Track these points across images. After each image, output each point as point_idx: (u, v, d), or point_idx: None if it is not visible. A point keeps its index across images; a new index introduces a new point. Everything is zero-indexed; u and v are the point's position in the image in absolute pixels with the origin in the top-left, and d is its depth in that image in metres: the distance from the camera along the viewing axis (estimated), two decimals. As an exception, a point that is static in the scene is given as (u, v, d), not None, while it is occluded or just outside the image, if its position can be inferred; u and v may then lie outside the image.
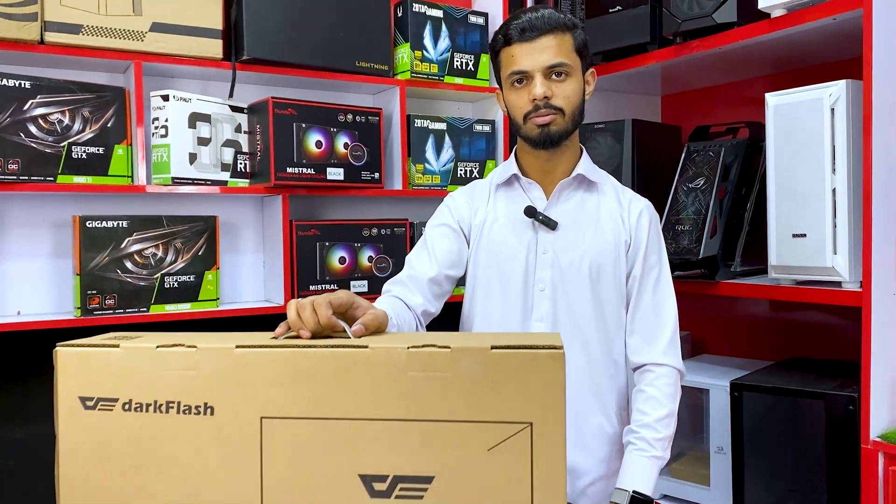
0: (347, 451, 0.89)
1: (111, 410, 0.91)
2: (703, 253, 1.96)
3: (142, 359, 0.91)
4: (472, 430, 0.88)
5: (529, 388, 0.87)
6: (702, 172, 2.07)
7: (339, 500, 0.89)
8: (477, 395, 0.87)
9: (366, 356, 0.89)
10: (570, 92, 1.43)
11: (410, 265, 1.50)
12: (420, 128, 2.20)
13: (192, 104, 1.88)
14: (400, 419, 0.88)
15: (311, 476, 0.89)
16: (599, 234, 1.49)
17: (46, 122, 1.73)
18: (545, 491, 0.87)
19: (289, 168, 1.95)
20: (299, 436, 0.89)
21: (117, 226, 1.82)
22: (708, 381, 2.04)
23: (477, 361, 0.88)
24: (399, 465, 0.88)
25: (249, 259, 2.14)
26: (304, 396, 0.89)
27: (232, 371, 0.90)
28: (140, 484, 0.91)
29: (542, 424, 0.87)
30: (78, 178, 1.78)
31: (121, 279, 1.82)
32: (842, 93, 1.66)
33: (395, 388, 0.88)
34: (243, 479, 0.90)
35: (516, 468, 0.87)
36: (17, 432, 1.89)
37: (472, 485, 0.87)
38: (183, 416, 0.91)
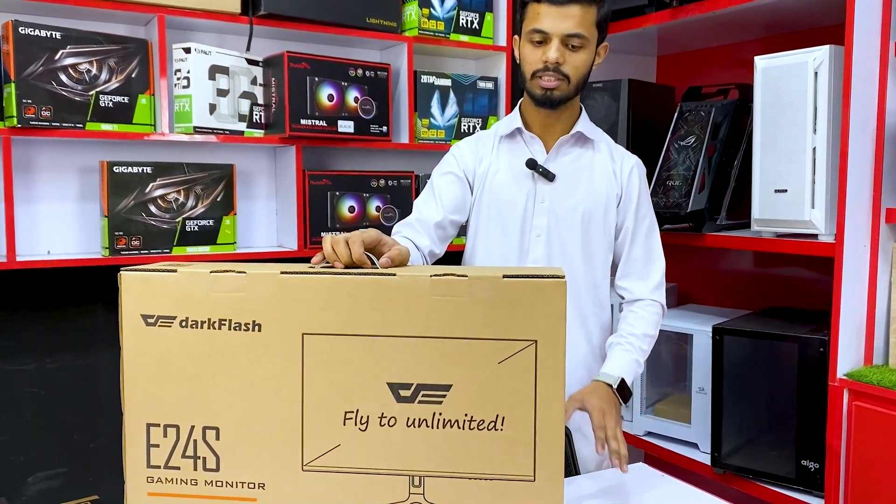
0: (377, 363, 1.01)
1: (170, 326, 1.03)
2: (691, 207, 2.08)
3: (197, 281, 1.03)
4: (485, 346, 1.00)
5: (535, 311, 0.99)
6: (693, 131, 2.19)
7: (370, 405, 1.02)
8: (489, 316, 1.00)
9: (395, 282, 1.01)
10: (580, 62, 1.53)
11: (418, 209, 1.62)
12: (426, 83, 2.30)
13: (212, 57, 1.97)
14: (423, 336, 1.01)
15: (346, 384, 1.02)
16: (592, 187, 1.62)
17: (76, 71, 1.83)
18: (546, 398, 1.00)
19: (302, 120, 2.05)
20: (336, 349, 1.02)
21: (142, 171, 1.93)
22: (692, 327, 2.19)
23: (490, 287, 1.00)
24: (421, 375, 1.01)
25: (263, 206, 2.25)
26: (341, 315, 1.01)
27: (277, 293, 1.01)
28: (195, 390, 1.03)
29: (545, 342, 0.99)
30: (105, 126, 1.88)
31: (146, 221, 1.94)
32: (825, 57, 1.77)
33: (419, 309, 1.01)
34: (287, 387, 1.02)
35: (523, 379, 1.00)
36: (48, 363, 2.02)
37: (485, 392, 1.01)
38: (234, 332, 1.02)
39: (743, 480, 2.01)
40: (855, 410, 1.74)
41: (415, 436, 1.01)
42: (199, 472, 1.04)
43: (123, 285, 1.04)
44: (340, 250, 1.09)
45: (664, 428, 2.28)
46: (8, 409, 1.98)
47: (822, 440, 1.81)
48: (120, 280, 1.04)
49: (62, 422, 2.05)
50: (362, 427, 1.02)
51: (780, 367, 1.93)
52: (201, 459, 1.04)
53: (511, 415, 1.01)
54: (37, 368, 2.01)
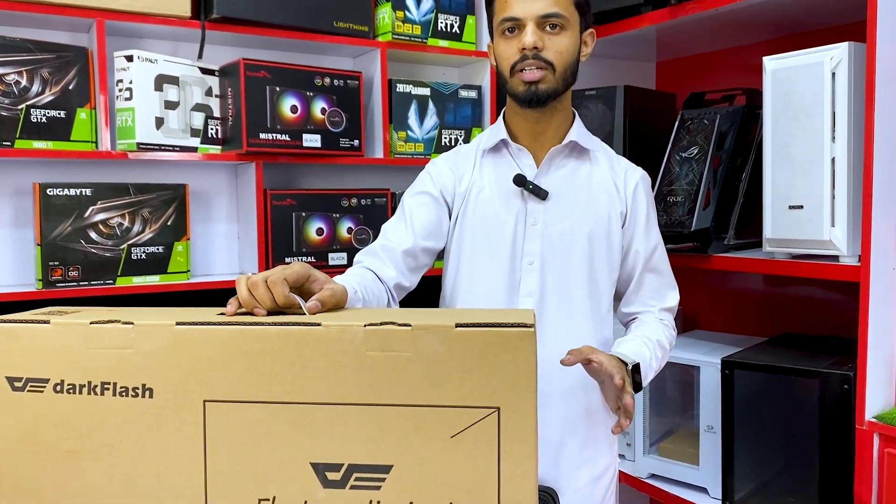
0: (298, 438, 0.83)
1: (41, 392, 0.85)
2: (696, 225, 1.88)
3: (74, 336, 0.84)
4: (434, 416, 0.81)
5: (497, 370, 0.81)
6: (696, 141, 1.99)
7: (289, 491, 0.82)
8: (439, 378, 0.81)
9: (319, 334, 0.82)
10: (563, 47, 1.34)
11: (385, 235, 1.42)
12: (402, 93, 2.11)
13: (159, 65, 1.78)
14: (355, 403, 0.82)
15: (260, 464, 0.83)
16: (592, 205, 1.42)
17: (2, 82, 1.64)
18: (514, 481, 0.80)
19: (262, 134, 1.86)
20: (246, 421, 0.83)
21: (80, 194, 1.73)
22: (699, 358, 1.98)
23: (439, 340, 0.81)
24: (354, 454, 0.82)
25: (223, 229, 2.06)
26: (251, 378, 0.82)
27: (172, 349, 0.83)
28: (74, 471, 0.85)
29: (511, 409, 0.80)
30: (38, 143, 1.69)
31: (85, 250, 1.74)
32: (843, 56, 1.57)
33: (350, 369, 0.81)
34: (186, 467, 0.84)
35: (482, 457, 0.81)
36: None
37: (435, 475, 0.81)
38: (119, 398, 0.84)
39: (759, 533, 1.79)
40: (887, 459, 1.52)
41: None
42: None
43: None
44: (260, 294, 0.89)
45: (669, 470, 2.06)
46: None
47: (850, 489, 1.59)
48: None
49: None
50: None
51: (798, 406, 1.72)
52: None
53: (468, 503, 0.81)
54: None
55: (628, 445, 2.14)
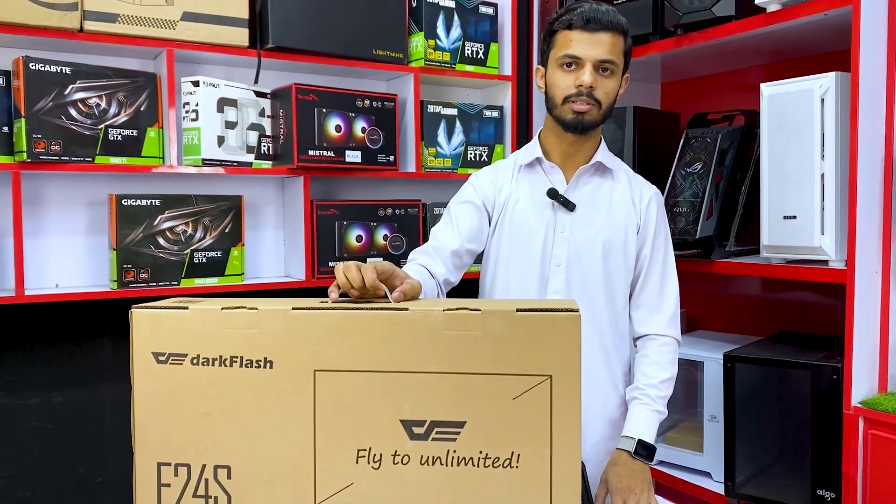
0: (390, 400, 1.00)
1: (181, 364, 1.03)
2: (700, 233, 2.07)
3: (209, 319, 1.03)
4: (499, 382, 0.99)
5: (549, 346, 0.99)
6: (699, 157, 2.18)
7: (383, 443, 1.01)
8: (503, 351, 0.99)
9: (406, 317, 1.01)
10: (610, 88, 1.55)
11: (436, 237, 1.62)
12: (432, 113, 2.30)
13: (221, 90, 1.99)
14: (436, 371, 1.00)
15: (359, 422, 1.01)
16: (612, 217, 1.63)
17: (85, 105, 1.84)
18: (562, 434, 1.00)
19: (310, 151, 2.06)
20: (348, 386, 1.01)
21: (150, 204, 1.93)
22: (702, 354, 2.16)
23: (504, 322, 0.99)
24: (435, 412, 1.01)
25: (271, 236, 2.25)
26: (353, 352, 1.01)
27: (288, 329, 1.01)
28: (206, 428, 1.03)
29: (560, 377, 0.99)
30: (114, 159, 1.88)
31: (154, 254, 1.94)
32: (831, 84, 1.77)
33: (432, 344, 1.01)
34: (298, 425, 1.01)
35: (538, 414, 0.99)
36: (55, 397, 2.01)
37: (499, 429, 1.00)
38: (245, 369, 1.02)
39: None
40: (871, 439, 1.71)
41: (429, 474, 1.01)
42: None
43: (134, 323, 1.04)
44: (352, 275, 1.10)
45: (676, 457, 2.25)
46: (13, 444, 1.96)
47: (838, 469, 1.78)
48: (131, 318, 1.04)
49: (68, 457, 2.03)
50: (375, 465, 1.01)
51: (793, 395, 1.90)
52: (213, 499, 1.04)
53: (526, 452, 1.00)
54: (43, 403, 2.00)
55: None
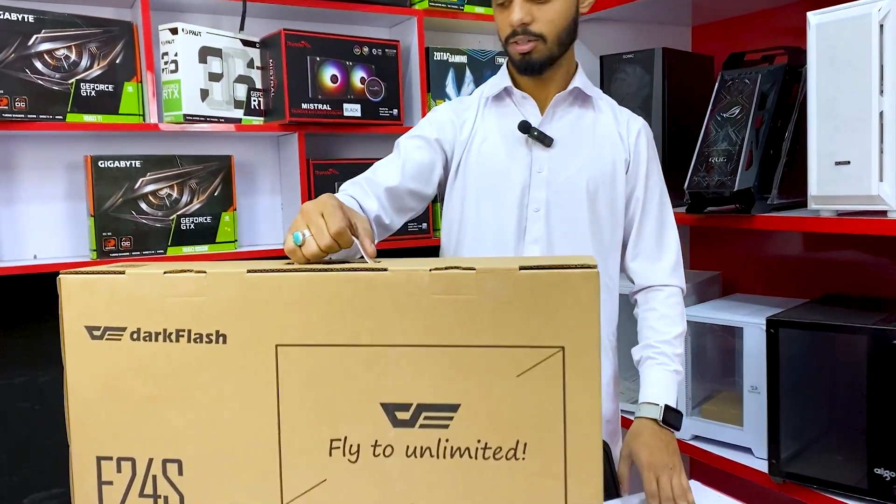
0: (368, 379, 0.83)
1: (119, 340, 0.88)
2: (738, 186, 1.87)
3: (149, 285, 0.86)
4: (500, 356, 0.81)
5: (561, 311, 0.80)
6: (736, 102, 1.97)
7: (361, 431, 0.84)
8: (505, 319, 0.81)
9: (386, 279, 0.83)
10: (553, 15, 1.32)
11: (374, 170, 1.38)
12: (439, 61, 2.11)
13: (202, 38, 1.81)
14: (423, 345, 0.82)
15: (331, 405, 0.84)
16: (596, 152, 1.42)
17: (52, 57, 1.67)
18: (579, 418, 0.80)
19: (303, 104, 1.88)
20: (317, 364, 0.84)
21: (130, 165, 1.77)
22: (742, 319, 1.97)
23: (504, 283, 0.81)
24: (423, 393, 0.83)
25: (267, 200, 2.09)
26: (322, 322, 0.83)
27: (244, 296, 0.84)
28: (152, 415, 0.87)
29: (575, 348, 0.80)
30: (88, 117, 1.72)
31: (136, 220, 1.78)
32: (892, 6, 1.54)
33: (418, 312, 0.82)
34: (259, 410, 0.85)
35: (548, 394, 0.81)
36: (40, 376, 1.88)
37: (501, 413, 0.82)
38: (194, 344, 0.86)
39: (806, 490, 1.79)
40: (939, 412, 1.51)
41: (416, 468, 0.84)
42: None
43: (63, 292, 0.88)
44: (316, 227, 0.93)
45: (713, 431, 2.06)
46: (1, 425, 1.84)
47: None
48: (59, 286, 0.88)
49: (57, 438, 1.90)
50: (352, 458, 0.84)
51: (846, 363, 1.71)
52: (162, 499, 0.88)
53: (535, 440, 0.82)
54: (28, 382, 1.87)
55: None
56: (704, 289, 2.31)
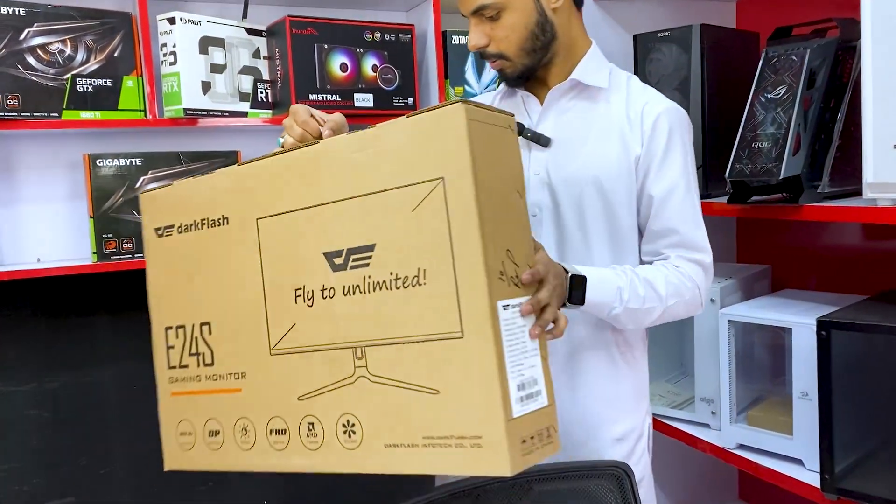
0: (314, 234, 1.00)
1: (171, 235, 1.15)
2: (785, 173, 1.71)
3: (184, 189, 1.13)
4: (399, 195, 0.94)
5: (439, 145, 0.91)
6: (783, 80, 1.81)
7: (313, 279, 1.01)
8: (399, 163, 0.94)
9: (319, 149, 1.01)
10: (506, 32, 1.25)
11: None
12: (458, 45, 2.01)
13: (203, 27, 1.72)
14: (346, 198, 0.98)
15: (293, 261, 1.02)
16: (601, 150, 1.30)
17: (46, 52, 1.61)
18: (462, 240, 0.90)
19: (311, 95, 1.78)
20: (282, 228, 1.04)
21: (130, 164, 1.70)
22: (791, 319, 1.82)
23: (398, 131, 0.95)
24: (349, 239, 0.98)
25: (279, 197, 2.00)
26: (283, 194, 1.03)
27: (236, 184, 1.08)
28: (192, 289, 1.13)
29: (452, 177, 0.91)
30: (85, 114, 1.66)
31: (137, 221, 1.72)
32: (960, -32, 1.37)
33: (340, 171, 0.98)
34: (252, 274, 1.06)
35: (436, 223, 0.92)
36: (49, 382, 1.83)
37: (404, 246, 0.94)
38: (210, 229, 1.10)
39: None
40: None
41: (353, 304, 0.98)
42: (200, 367, 1.12)
43: (142, 206, 1.19)
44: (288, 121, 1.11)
45: (760, 440, 1.91)
46: (9, 433, 1.80)
47: (970, 463, 1.42)
48: (140, 201, 1.20)
49: (69, 446, 1.86)
50: (309, 303, 1.01)
51: (907, 369, 1.55)
52: (201, 355, 1.12)
53: (431, 266, 0.93)
54: (37, 389, 1.82)
55: (713, 414, 2.01)
56: (752, 284, 2.16)
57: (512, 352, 0.92)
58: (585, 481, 1.11)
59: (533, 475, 1.11)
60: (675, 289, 1.29)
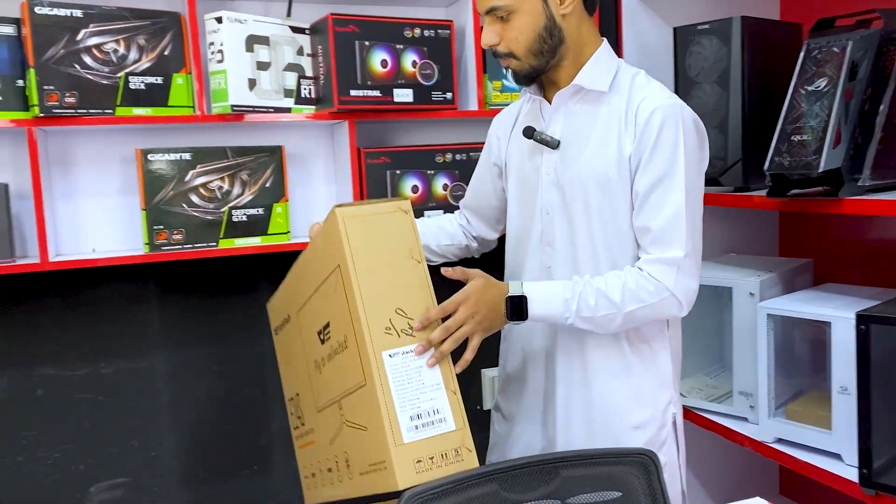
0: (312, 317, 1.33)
1: (278, 333, 1.56)
2: (825, 166, 1.69)
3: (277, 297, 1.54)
4: (329, 283, 1.22)
5: (333, 241, 1.18)
6: (824, 72, 1.79)
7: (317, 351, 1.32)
8: (322, 258, 1.23)
9: (304, 255, 1.36)
10: (515, 33, 1.30)
11: (468, 191, 1.68)
12: (497, 40, 2.01)
13: (248, 25, 1.77)
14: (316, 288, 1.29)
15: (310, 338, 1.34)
16: (601, 150, 1.34)
17: (101, 51, 1.68)
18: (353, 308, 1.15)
19: (352, 91, 1.82)
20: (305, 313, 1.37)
21: (180, 158, 1.76)
22: (830, 313, 1.80)
23: (319, 234, 1.27)
24: (321, 320, 1.29)
25: (321, 191, 2.05)
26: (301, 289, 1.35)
27: (287, 287, 1.48)
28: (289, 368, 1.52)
29: (342, 264, 1.17)
30: (137, 110, 1.72)
31: (187, 213, 1.77)
32: None
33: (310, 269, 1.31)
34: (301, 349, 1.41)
35: (341, 300, 1.18)
36: (102, 367, 1.91)
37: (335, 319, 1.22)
38: (286, 325, 1.48)
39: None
40: None
41: (332, 368, 1.26)
42: (301, 427, 1.51)
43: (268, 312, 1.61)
44: None
45: (798, 434, 1.90)
46: (65, 417, 1.89)
47: None
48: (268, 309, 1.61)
49: (121, 429, 1.94)
50: (319, 371, 1.33)
51: (948, 364, 1.52)
52: (300, 419, 1.51)
53: (347, 333, 1.18)
54: (90, 374, 1.90)
55: (751, 408, 2.00)
56: (793, 278, 2.13)
57: (402, 390, 1.12)
58: (612, 467, 1.13)
59: (561, 461, 1.13)
60: (634, 294, 1.30)
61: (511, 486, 1.09)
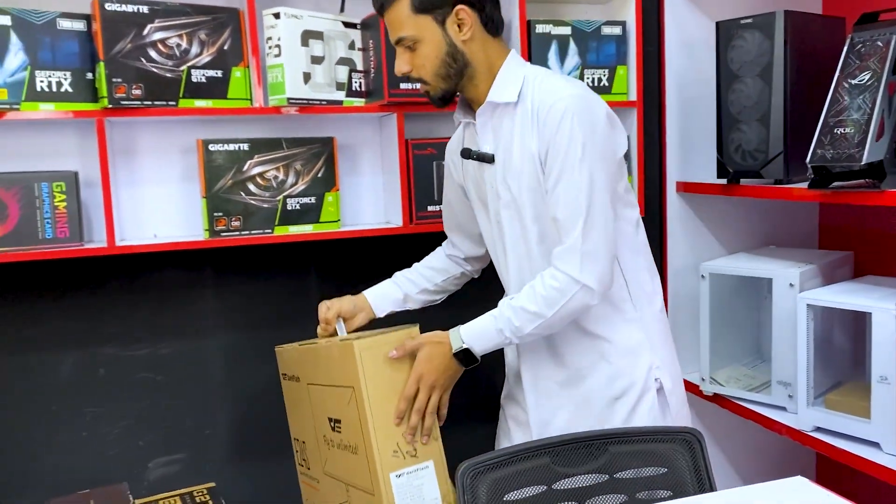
0: (324, 404, 1.55)
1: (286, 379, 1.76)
2: (867, 158, 1.71)
3: (287, 353, 1.71)
4: (342, 391, 1.43)
5: (349, 366, 1.39)
6: (868, 66, 1.80)
7: (326, 431, 1.55)
8: (337, 371, 1.44)
9: (317, 350, 1.57)
10: (422, 60, 1.42)
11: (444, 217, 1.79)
12: (541, 34, 2.05)
13: (304, 21, 1.84)
14: (328, 385, 1.49)
15: (321, 416, 1.57)
16: (525, 155, 1.41)
17: (165, 46, 1.75)
18: (365, 431, 1.38)
19: (401, 84, 1.88)
20: (316, 393, 1.58)
21: (238, 148, 1.84)
22: (871, 304, 1.82)
23: (335, 348, 1.47)
24: (333, 412, 1.52)
25: (369, 181, 2.11)
26: (316, 373, 1.55)
27: (299, 358, 1.65)
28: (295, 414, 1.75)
29: (356, 388, 1.39)
30: (199, 102, 1.80)
31: (245, 201, 1.85)
32: None
33: (324, 366, 1.51)
34: (308, 414, 1.63)
35: (356, 417, 1.40)
36: (161, 348, 2.00)
37: (347, 425, 1.46)
38: (294, 381, 1.67)
39: (941, 493, 1.64)
40: None
41: (339, 454, 1.51)
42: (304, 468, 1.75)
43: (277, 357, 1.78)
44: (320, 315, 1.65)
45: (837, 423, 1.92)
46: (125, 395, 1.98)
47: None
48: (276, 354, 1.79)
49: (177, 408, 2.03)
50: (327, 446, 1.57)
51: None
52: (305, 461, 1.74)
53: (358, 444, 1.41)
54: (150, 354, 1.99)
55: (790, 397, 2.02)
56: (833, 270, 2.15)
57: None
58: (657, 444, 1.18)
59: (608, 438, 1.18)
60: (545, 300, 1.36)
61: (562, 459, 1.15)
